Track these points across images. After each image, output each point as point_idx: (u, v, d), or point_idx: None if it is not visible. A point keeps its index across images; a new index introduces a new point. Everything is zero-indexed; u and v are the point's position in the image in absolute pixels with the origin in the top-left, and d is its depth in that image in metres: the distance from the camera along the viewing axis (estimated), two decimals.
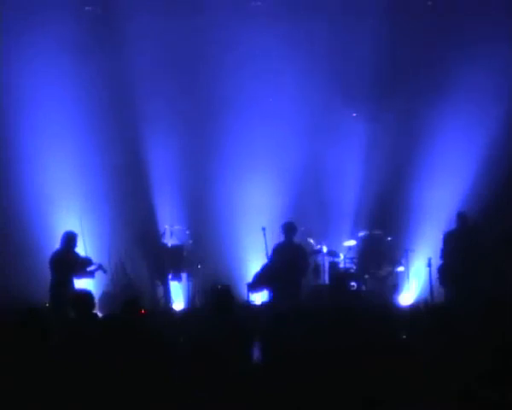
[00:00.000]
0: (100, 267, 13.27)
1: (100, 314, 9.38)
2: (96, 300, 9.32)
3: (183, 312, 14.27)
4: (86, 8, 15.77)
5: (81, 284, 12.88)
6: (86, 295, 8.64)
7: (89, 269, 12.98)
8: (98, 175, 15.56)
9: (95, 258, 13.62)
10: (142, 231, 15.48)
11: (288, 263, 13.16)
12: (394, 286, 15.16)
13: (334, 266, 15.05)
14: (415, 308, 12.98)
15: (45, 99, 15.33)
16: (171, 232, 15.56)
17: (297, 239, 13.66)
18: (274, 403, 6.39)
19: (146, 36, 15.36)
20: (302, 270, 13.39)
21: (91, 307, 8.51)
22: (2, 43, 15.08)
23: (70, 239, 12.78)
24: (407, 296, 15.04)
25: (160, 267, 15.02)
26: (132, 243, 15.57)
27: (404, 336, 7.30)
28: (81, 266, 12.79)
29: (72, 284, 12.56)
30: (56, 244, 13.16)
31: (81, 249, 13.48)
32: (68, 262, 12.62)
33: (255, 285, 13.27)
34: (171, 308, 14.60)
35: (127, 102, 15.65)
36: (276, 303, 12.56)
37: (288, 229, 13.46)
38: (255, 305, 13.34)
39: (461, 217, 13.74)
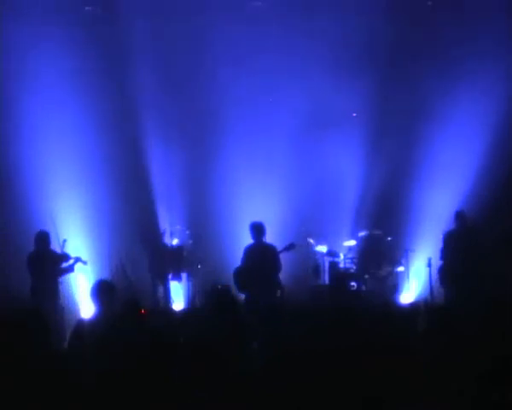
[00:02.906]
0: (78, 260, 13.16)
1: None
2: None
3: (183, 312, 14.26)
4: (86, 8, 15.77)
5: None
6: (108, 285, 8.58)
7: (66, 264, 12.94)
8: (99, 176, 15.56)
9: (94, 257, 13.62)
10: (143, 230, 15.49)
11: (260, 264, 12.85)
12: (394, 286, 15.17)
13: (334, 266, 15.07)
14: (415, 308, 12.98)
15: (45, 100, 15.33)
16: (172, 232, 15.57)
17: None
18: (274, 403, 6.39)
19: (145, 37, 15.36)
20: (275, 269, 12.94)
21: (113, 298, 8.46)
22: (2, 43, 15.07)
23: (42, 238, 12.78)
24: (407, 296, 15.04)
25: (160, 267, 15.02)
26: (133, 243, 15.58)
27: (404, 333, 7.31)
28: (58, 263, 12.77)
29: (52, 283, 12.56)
30: (56, 247, 13.28)
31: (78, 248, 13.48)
32: (44, 261, 12.60)
33: (238, 290, 13.07)
34: (171, 308, 14.60)
35: (129, 102, 15.66)
36: (254, 304, 12.39)
37: (257, 230, 13.03)
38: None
39: (459, 216, 13.73)
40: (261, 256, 12.84)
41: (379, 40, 15.23)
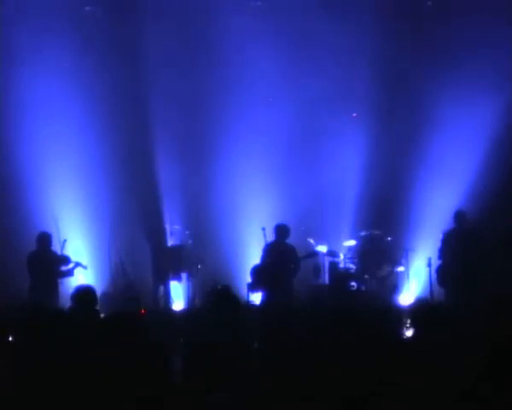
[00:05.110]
0: (78, 265, 13.24)
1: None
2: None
3: (183, 312, 14.27)
4: (86, 8, 15.78)
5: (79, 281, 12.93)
6: (88, 290, 8.66)
7: (66, 268, 12.98)
8: (100, 176, 15.57)
9: (92, 257, 13.64)
10: (147, 230, 15.52)
11: (279, 263, 13.10)
12: (394, 286, 15.17)
13: (334, 266, 15.07)
14: (415, 308, 12.97)
15: (46, 100, 15.34)
16: (172, 232, 15.58)
17: (290, 241, 13.64)
18: (274, 403, 6.39)
19: (146, 37, 15.36)
20: (293, 270, 13.32)
21: (94, 302, 8.52)
22: (2, 44, 15.08)
23: (44, 239, 12.85)
24: (407, 296, 15.04)
25: (162, 267, 15.04)
26: (136, 243, 15.59)
27: (406, 326, 7.31)
28: (57, 265, 12.81)
29: (51, 284, 12.58)
30: (57, 247, 13.31)
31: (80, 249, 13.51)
32: (45, 262, 12.65)
33: (253, 286, 13.23)
34: (171, 308, 14.61)
35: (130, 104, 15.68)
36: (269, 303, 12.48)
37: (281, 231, 13.47)
38: (255, 305, 13.31)
39: (459, 216, 13.74)
40: (280, 255, 13.06)
41: (379, 42, 15.23)
